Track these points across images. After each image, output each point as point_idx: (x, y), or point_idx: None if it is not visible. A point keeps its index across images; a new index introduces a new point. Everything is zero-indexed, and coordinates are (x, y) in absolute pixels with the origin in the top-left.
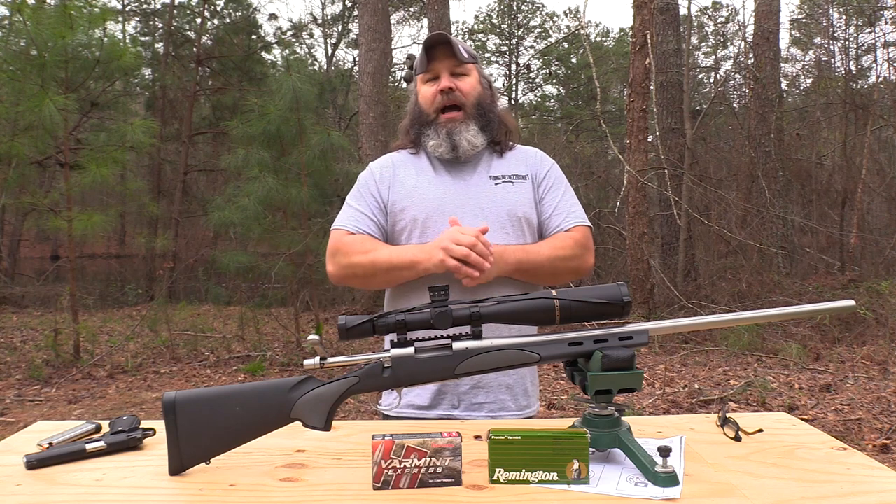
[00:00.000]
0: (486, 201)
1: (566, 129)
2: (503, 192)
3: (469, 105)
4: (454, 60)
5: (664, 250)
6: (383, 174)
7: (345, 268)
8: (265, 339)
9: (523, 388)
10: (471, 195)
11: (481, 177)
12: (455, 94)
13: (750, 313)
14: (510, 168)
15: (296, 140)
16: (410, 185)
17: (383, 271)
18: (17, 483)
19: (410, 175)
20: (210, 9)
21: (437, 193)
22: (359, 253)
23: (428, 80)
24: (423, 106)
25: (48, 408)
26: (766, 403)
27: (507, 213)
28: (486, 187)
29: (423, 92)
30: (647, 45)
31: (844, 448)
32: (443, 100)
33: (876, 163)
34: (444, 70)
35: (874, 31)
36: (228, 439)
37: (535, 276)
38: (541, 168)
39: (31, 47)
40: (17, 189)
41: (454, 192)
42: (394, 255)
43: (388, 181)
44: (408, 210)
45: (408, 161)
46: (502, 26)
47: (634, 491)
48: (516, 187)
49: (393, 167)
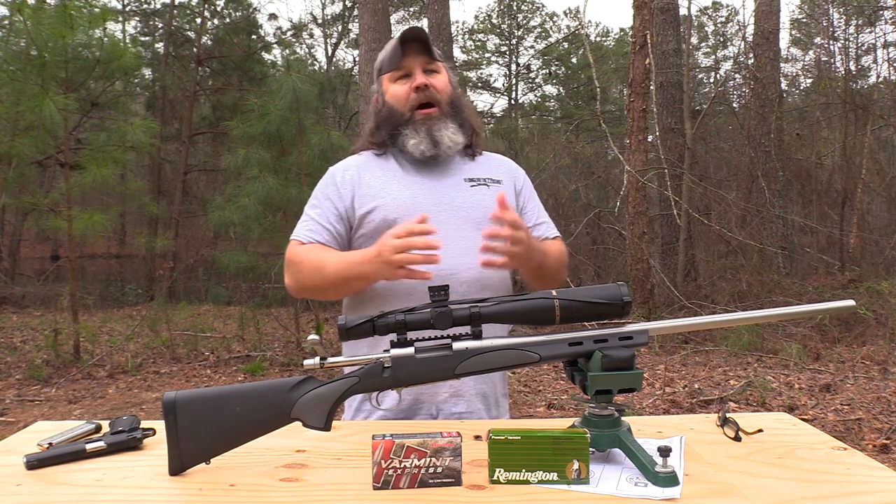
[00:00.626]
0: (460, 202)
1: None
2: (479, 195)
3: (444, 103)
4: (426, 58)
5: (664, 250)
6: (345, 178)
7: (297, 280)
8: (265, 339)
9: (495, 397)
10: (445, 196)
11: (455, 179)
12: (430, 92)
13: (750, 313)
14: (484, 172)
15: (296, 140)
16: (378, 186)
17: (331, 284)
18: (17, 483)
19: (377, 176)
20: (210, 9)
21: (409, 193)
22: (307, 263)
23: (398, 79)
24: (394, 105)
25: (48, 408)
26: (766, 403)
27: (484, 215)
28: (462, 189)
29: (394, 90)
30: (647, 45)
31: (844, 448)
32: (418, 97)
33: (876, 163)
34: (417, 67)
35: (874, 31)
36: (228, 439)
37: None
38: (517, 176)
39: (32, 47)
40: (17, 189)
41: (427, 193)
42: (340, 265)
43: (352, 184)
44: (377, 211)
45: (372, 163)
46: (502, 26)
47: (634, 491)
48: (492, 190)
49: (357, 169)
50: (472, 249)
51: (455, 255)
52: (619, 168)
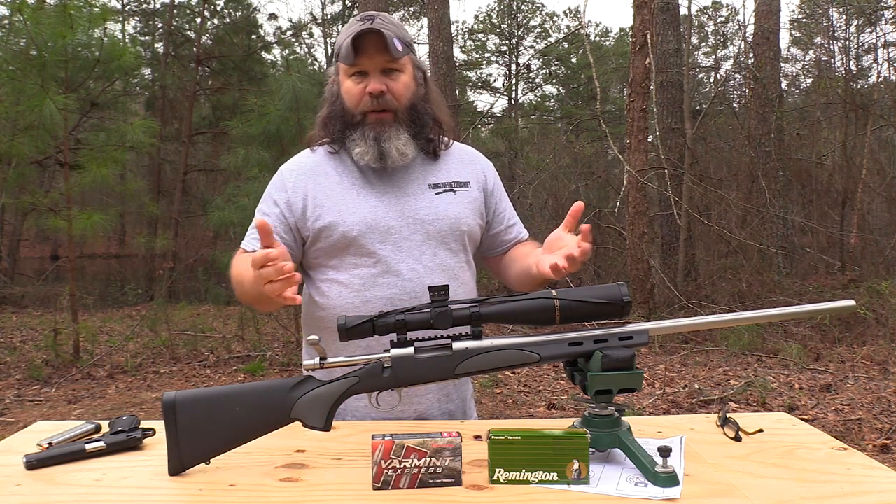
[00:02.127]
0: (426, 213)
1: (566, 129)
2: (445, 204)
3: (401, 110)
4: (387, 55)
5: (664, 250)
6: (298, 182)
7: (236, 293)
8: (265, 339)
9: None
10: (408, 207)
11: (418, 185)
12: (386, 99)
13: (750, 313)
14: (449, 174)
15: (296, 140)
16: (337, 196)
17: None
18: (17, 483)
19: (334, 183)
20: (210, 9)
21: (370, 206)
22: (235, 275)
23: (353, 74)
24: (346, 103)
25: (48, 408)
26: (766, 403)
27: (450, 226)
28: (426, 198)
29: (348, 87)
30: (647, 45)
31: (844, 448)
32: (371, 103)
33: (876, 163)
34: (374, 68)
35: (874, 30)
36: (228, 439)
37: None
38: (487, 173)
39: (31, 47)
40: (17, 189)
41: (388, 205)
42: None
43: (304, 189)
44: (336, 227)
45: (328, 164)
46: (502, 26)
47: (634, 491)
48: (458, 197)
49: (310, 174)
50: (439, 265)
51: (421, 273)
52: (619, 168)
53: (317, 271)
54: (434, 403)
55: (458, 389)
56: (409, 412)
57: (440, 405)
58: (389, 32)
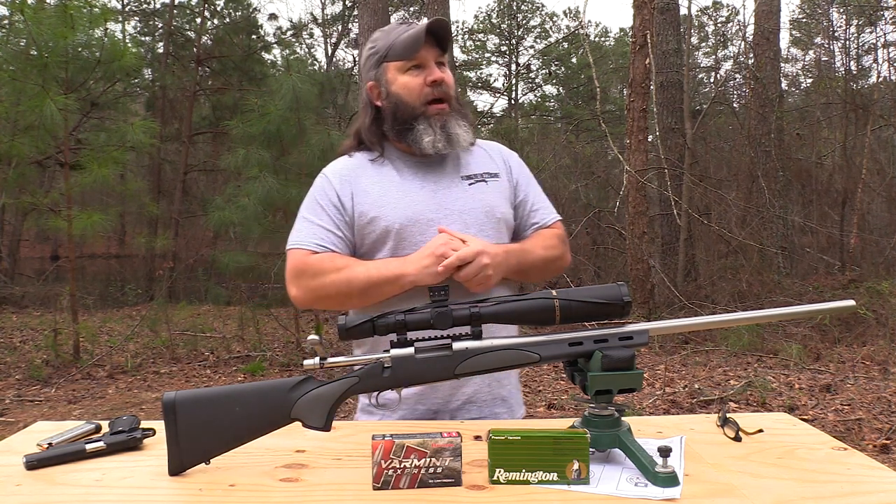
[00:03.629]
0: (462, 204)
1: (566, 129)
2: (479, 193)
3: (453, 100)
4: (438, 50)
5: (664, 250)
6: (343, 181)
7: (314, 290)
8: (265, 340)
9: (517, 398)
10: (446, 199)
11: (452, 178)
12: (444, 87)
13: (750, 313)
14: (480, 166)
15: (296, 140)
16: (377, 193)
17: (359, 290)
18: (17, 483)
19: (374, 181)
20: (210, 9)
21: (409, 200)
22: (330, 272)
23: (409, 69)
24: (404, 97)
25: (48, 408)
26: (766, 403)
27: (486, 214)
28: (461, 189)
29: (404, 82)
30: (647, 45)
31: (844, 448)
32: (433, 92)
33: (876, 163)
34: (433, 59)
35: (874, 30)
36: (228, 439)
37: (527, 276)
38: (511, 163)
39: (32, 47)
40: (17, 189)
41: (427, 197)
42: (372, 270)
43: (350, 189)
44: (378, 221)
45: (366, 165)
46: (502, 26)
47: (634, 491)
48: (490, 186)
49: (353, 174)
50: None
51: None
52: (619, 168)
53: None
54: (482, 387)
55: (508, 375)
56: (457, 395)
57: (490, 389)
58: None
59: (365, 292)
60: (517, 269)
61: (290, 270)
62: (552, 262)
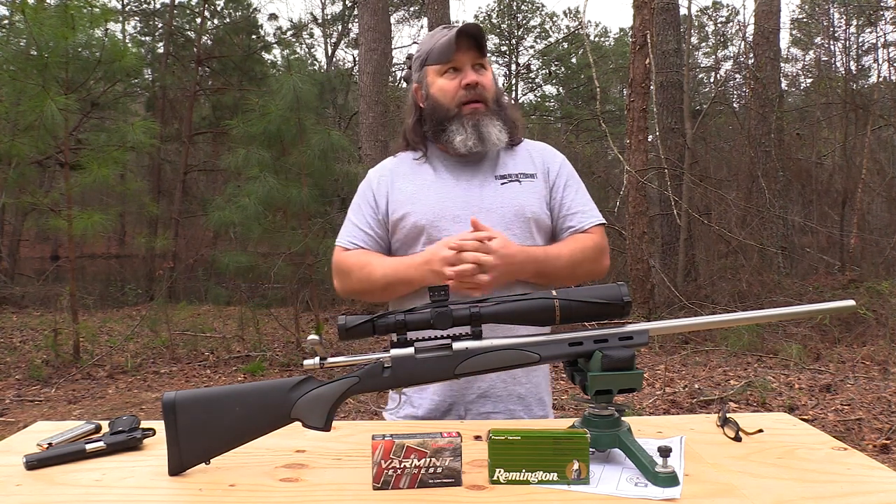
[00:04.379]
0: (490, 202)
1: (566, 129)
2: (510, 193)
3: (490, 101)
4: (476, 53)
5: (664, 250)
6: (381, 182)
7: (346, 285)
8: (265, 340)
9: (538, 397)
10: (474, 196)
11: (486, 177)
12: (479, 90)
13: (750, 313)
14: (517, 166)
15: (296, 140)
16: (410, 191)
17: (380, 288)
18: (17, 483)
19: (409, 180)
20: (210, 9)
21: (438, 197)
22: (355, 270)
23: (445, 72)
24: (440, 99)
25: (48, 408)
26: (766, 403)
27: (515, 213)
28: (492, 188)
29: (441, 84)
30: (647, 45)
31: (844, 448)
32: (467, 94)
33: (876, 163)
34: (468, 62)
35: (874, 30)
36: (228, 439)
37: (552, 280)
38: (551, 164)
39: (32, 47)
40: (17, 189)
41: (456, 195)
42: (388, 269)
43: (386, 189)
44: (409, 217)
45: (406, 166)
46: (502, 26)
47: (634, 491)
48: (524, 186)
49: (391, 174)
50: None
51: None
52: (619, 168)
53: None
54: (497, 383)
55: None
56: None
57: (505, 385)
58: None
59: (385, 289)
60: (537, 273)
61: (332, 266)
62: (580, 266)
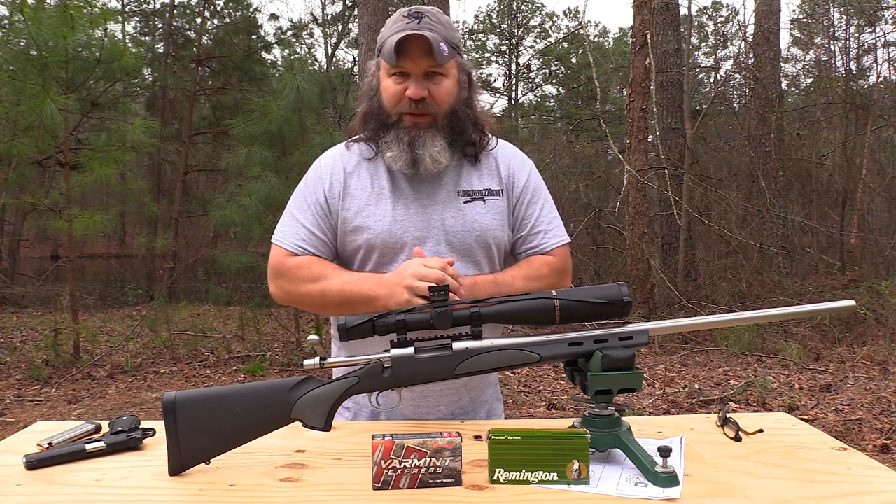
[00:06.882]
0: (452, 224)
1: (566, 129)
2: (472, 214)
3: (441, 115)
4: (429, 59)
5: (664, 250)
6: (334, 182)
7: (290, 294)
8: (265, 340)
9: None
10: (434, 216)
11: (448, 192)
12: (426, 104)
13: (750, 313)
14: (482, 180)
15: (297, 140)
16: (363, 201)
17: (334, 304)
18: (17, 483)
19: (364, 187)
20: (210, 9)
21: (395, 214)
22: (306, 281)
23: (394, 74)
24: (384, 100)
25: (48, 408)
26: (766, 403)
27: (476, 238)
28: (454, 207)
29: (387, 86)
30: (647, 45)
31: (844, 448)
32: (410, 107)
33: (876, 163)
34: (417, 71)
35: (875, 30)
36: (228, 439)
37: None
38: (518, 177)
39: (32, 47)
40: (17, 189)
41: (414, 212)
42: (347, 286)
43: (339, 190)
44: (361, 232)
45: (362, 166)
46: (502, 26)
47: (634, 491)
48: (488, 206)
49: (343, 173)
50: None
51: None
52: (619, 168)
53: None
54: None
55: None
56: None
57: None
58: (436, 35)
59: (339, 306)
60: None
61: (270, 267)
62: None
